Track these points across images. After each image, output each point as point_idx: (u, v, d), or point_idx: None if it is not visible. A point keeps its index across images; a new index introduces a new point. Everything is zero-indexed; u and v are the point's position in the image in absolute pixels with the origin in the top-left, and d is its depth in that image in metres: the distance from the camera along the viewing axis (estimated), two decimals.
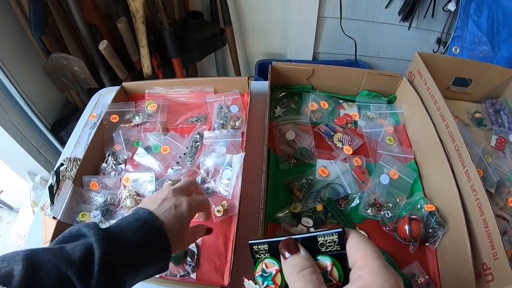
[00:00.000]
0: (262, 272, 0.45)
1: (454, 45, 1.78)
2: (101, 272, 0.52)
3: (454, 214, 0.89)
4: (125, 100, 1.28)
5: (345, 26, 2.16)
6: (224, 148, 1.08)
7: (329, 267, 0.42)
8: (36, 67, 1.84)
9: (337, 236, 0.43)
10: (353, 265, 0.41)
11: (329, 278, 0.42)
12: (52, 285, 0.49)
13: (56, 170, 1.09)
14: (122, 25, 1.67)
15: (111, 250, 0.55)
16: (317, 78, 1.23)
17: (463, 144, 0.91)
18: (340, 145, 1.11)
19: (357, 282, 0.39)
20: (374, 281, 0.37)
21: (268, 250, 0.47)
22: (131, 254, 0.58)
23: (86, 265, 0.52)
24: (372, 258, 0.39)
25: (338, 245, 0.43)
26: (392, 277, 0.38)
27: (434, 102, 1.05)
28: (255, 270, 0.47)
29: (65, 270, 0.51)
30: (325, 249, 0.44)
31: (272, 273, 0.45)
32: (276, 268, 0.45)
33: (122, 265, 0.56)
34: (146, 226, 0.62)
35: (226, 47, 2.25)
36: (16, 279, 0.47)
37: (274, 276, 0.44)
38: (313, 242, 0.44)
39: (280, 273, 0.44)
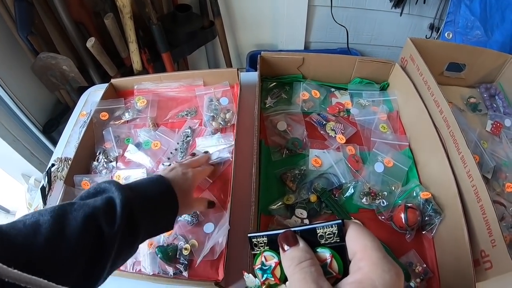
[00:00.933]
0: (261, 265, 0.45)
1: (447, 30, 1.76)
2: (123, 214, 0.60)
3: (450, 201, 0.88)
4: (114, 97, 1.27)
5: (336, 14, 2.14)
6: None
7: (328, 259, 0.42)
8: (24, 68, 1.81)
9: (336, 227, 0.42)
10: (353, 257, 0.40)
11: (329, 271, 0.41)
12: (80, 228, 0.54)
13: (48, 171, 1.09)
14: (109, 21, 1.65)
15: (130, 196, 0.63)
16: (307, 67, 1.22)
17: (458, 130, 0.90)
18: (332, 134, 1.09)
19: (356, 274, 0.38)
20: (373, 272, 0.37)
21: (267, 243, 0.46)
22: (147, 201, 0.67)
23: (110, 209, 0.60)
24: (371, 249, 0.39)
25: (338, 237, 0.42)
26: (392, 268, 0.37)
27: (428, 87, 1.04)
28: (254, 263, 0.46)
29: (91, 214, 0.57)
30: (324, 241, 0.43)
31: (271, 266, 0.44)
32: (276, 261, 0.44)
33: (139, 210, 0.64)
34: (157, 182, 0.73)
35: (217, 40, 2.23)
36: (45, 227, 0.52)
37: (273, 269, 0.44)
38: (312, 234, 0.43)
39: (280, 266, 0.44)
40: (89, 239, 0.55)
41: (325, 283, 0.38)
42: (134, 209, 0.62)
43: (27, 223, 0.52)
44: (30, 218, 0.53)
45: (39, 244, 0.50)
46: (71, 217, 0.55)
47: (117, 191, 0.62)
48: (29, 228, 0.51)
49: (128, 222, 0.61)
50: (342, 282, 0.39)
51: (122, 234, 0.59)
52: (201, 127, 1.14)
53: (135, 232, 0.63)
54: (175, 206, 0.74)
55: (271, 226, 0.91)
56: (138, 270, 0.86)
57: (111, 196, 0.62)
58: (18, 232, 0.50)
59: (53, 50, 1.74)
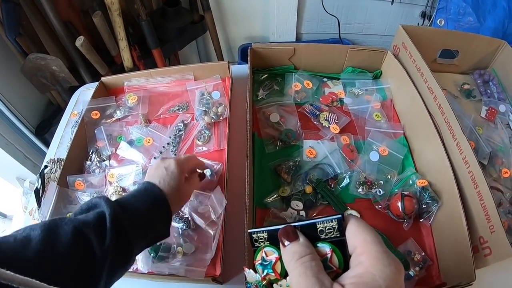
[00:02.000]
0: (261, 261, 0.45)
1: (439, 17, 1.75)
2: (113, 229, 0.59)
3: (447, 188, 0.88)
4: (105, 95, 1.26)
5: (326, 4, 2.12)
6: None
7: (328, 254, 0.42)
8: (14, 70, 1.79)
9: (336, 222, 0.42)
10: (353, 251, 0.40)
11: (329, 265, 0.41)
12: (71, 241, 0.54)
13: (41, 173, 1.08)
14: (97, 19, 1.63)
15: (118, 211, 0.63)
16: (299, 58, 1.21)
17: (453, 116, 0.90)
18: (326, 124, 1.08)
19: (357, 268, 0.38)
20: (374, 266, 0.37)
21: (268, 238, 0.46)
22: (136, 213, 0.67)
23: (100, 224, 0.60)
24: (372, 244, 0.39)
25: (338, 231, 0.42)
26: (393, 262, 0.38)
27: (421, 74, 1.03)
28: (255, 258, 0.46)
29: (82, 229, 0.57)
30: (324, 236, 0.43)
31: (272, 261, 0.44)
32: (276, 256, 0.44)
33: (129, 224, 0.63)
34: (145, 191, 0.72)
35: (207, 34, 2.21)
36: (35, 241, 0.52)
37: (274, 264, 0.44)
38: (312, 229, 0.43)
39: (280, 261, 0.44)
40: (79, 252, 0.55)
41: (326, 277, 0.38)
42: (124, 224, 0.62)
43: (17, 237, 0.52)
44: (22, 233, 0.53)
45: (29, 257, 0.50)
46: (61, 231, 0.55)
47: (106, 205, 0.62)
48: (19, 242, 0.51)
49: (119, 237, 0.61)
50: (343, 276, 0.39)
51: (114, 249, 0.59)
52: (193, 122, 1.14)
53: (128, 247, 0.63)
54: (167, 213, 0.73)
55: (267, 219, 0.90)
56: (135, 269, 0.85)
57: (102, 211, 0.62)
58: (8, 246, 0.51)
59: (43, 51, 1.72)
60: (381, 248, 0.38)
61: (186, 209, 0.92)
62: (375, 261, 0.37)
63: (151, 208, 0.70)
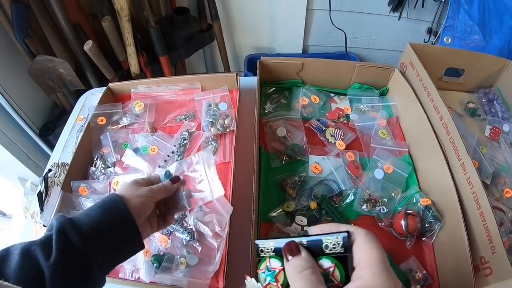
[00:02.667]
0: (266, 270, 0.47)
1: (446, 35, 1.76)
2: (58, 243, 0.55)
3: (450, 208, 0.88)
4: (112, 101, 1.26)
5: (334, 18, 2.13)
6: None
7: (331, 268, 0.44)
8: (21, 71, 1.80)
9: (341, 239, 0.44)
10: (357, 265, 0.43)
11: (331, 279, 0.43)
12: (18, 263, 0.53)
13: (44, 176, 1.07)
14: (107, 24, 1.64)
15: (66, 224, 0.58)
16: (307, 72, 1.21)
17: (458, 136, 0.90)
18: (332, 140, 1.08)
19: (357, 282, 0.41)
20: (373, 281, 0.39)
21: (274, 249, 0.48)
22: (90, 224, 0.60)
23: (46, 240, 0.56)
24: (376, 260, 0.41)
25: (342, 247, 0.44)
26: (391, 279, 0.40)
27: (428, 93, 1.04)
28: (258, 267, 0.48)
29: (29, 249, 0.55)
30: (329, 251, 0.45)
31: (275, 271, 0.46)
32: (280, 267, 0.46)
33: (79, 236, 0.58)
34: (103, 200, 0.66)
35: (215, 43, 2.22)
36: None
37: (277, 274, 0.46)
38: (318, 244, 0.46)
39: (283, 272, 0.46)
40: (27, 272, 0.53)
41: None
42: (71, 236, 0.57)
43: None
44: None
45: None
46: (11, 256, 0.54)
47: (56, 221, 0.58)
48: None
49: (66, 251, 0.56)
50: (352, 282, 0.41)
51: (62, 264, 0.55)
52: (198, 131, 1.14)
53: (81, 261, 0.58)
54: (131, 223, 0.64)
55: (271, 233, 0.90)
56: (137, 278, 0.85)
57: (51, 227, 0.58)
58: None
59: (50, 53, 1.73)
60: (383, 266, 0.41)
61: (191, 219, 0.91)
62: (374, 276, 0.40)
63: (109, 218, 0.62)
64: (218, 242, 0.88)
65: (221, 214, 0.89)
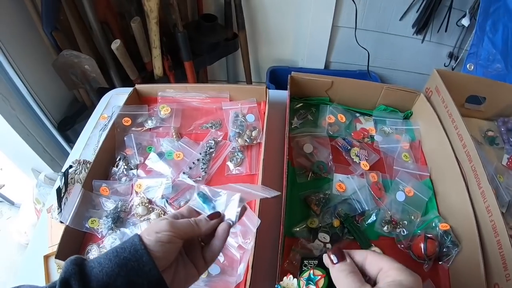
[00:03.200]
0: (308, 276, 0.55)
1: (469, 61, 1.77)
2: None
3: (468, 234, 0.89)
4: (137, 102, 1.26)
5: (358, 36, 2.15)
6: None
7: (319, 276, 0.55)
8: (45, 63, 1.82)
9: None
10: (379, 271, 0.50)
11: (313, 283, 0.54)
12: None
13: (65, 172, 1.07)
14: (136, 25, 1.66)
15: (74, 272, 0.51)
16: (335, 91, 1.22)
17: (480, 165, 0.90)
18: (357, 160, 1.09)
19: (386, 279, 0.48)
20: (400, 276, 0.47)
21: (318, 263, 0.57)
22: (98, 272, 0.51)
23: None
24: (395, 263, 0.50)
25: None
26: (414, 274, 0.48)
27: (452, 120, 1.04)
28: (301, 275, 0.57)
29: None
30: None
31: (317, 277, 0.55)
32: (322, 274, 0.55)
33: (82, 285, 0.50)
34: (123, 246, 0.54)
35: (238, 52, 2.24)
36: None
37: (318, 280, 0.54)
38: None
39: (324, 279, 0.54)
40: None
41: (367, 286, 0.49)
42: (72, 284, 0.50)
43: None
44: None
45: None
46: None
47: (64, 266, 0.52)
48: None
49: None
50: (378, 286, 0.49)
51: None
52: (225, 141, 1.14)
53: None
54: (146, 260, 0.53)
55: (294, 248, 0.90)
56: None
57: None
58: None
59: (75, 48, 1.74)
60: (402, 265, 0.49)
61: None
62: (400, 272, 0.48)
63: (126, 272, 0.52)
64: (241, 254, 0.88)
65: (246, 226, 0.89)
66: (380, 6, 2.07)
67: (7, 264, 2.09)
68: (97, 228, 0.95)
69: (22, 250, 2.13)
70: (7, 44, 1.61)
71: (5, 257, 2.12)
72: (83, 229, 0.94)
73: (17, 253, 2.13)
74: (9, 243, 2.17)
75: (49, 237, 1.00)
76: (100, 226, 0.96)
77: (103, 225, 0.95)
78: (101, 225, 0.96)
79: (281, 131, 1.18)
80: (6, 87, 1.68)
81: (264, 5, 2.18)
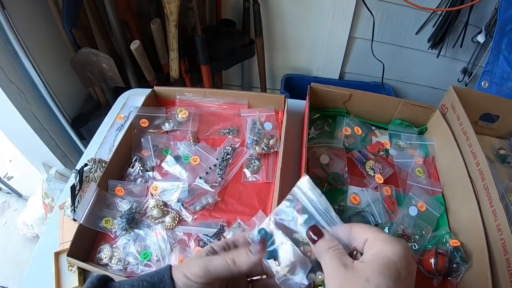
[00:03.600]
0: None
1: (484, 79, 1.77)
2: None
3: (478, 251, 0.89)
4: (155, 104, 1.27)
5: (374, 48, 2.16)
6: None
7: None
8: (62, 59, 1.83)
9: None
10: (365, 242, 0.48)
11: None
12: None
13: (80, 170, 1.07)
14: (155, 27, 1.67)
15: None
16: (353, 103, 1.22)
17: (493, 184, 0.91)
18: (372, 173, 1.10)
19: (371, 250, 0.46)
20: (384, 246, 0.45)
21: None
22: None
23: None
24: (380, 233, 0.48)
25: None
26: (400, 242, 0.46)
27: (466, 138, 1.04)
28: None
29: None
30: None
31: None
32: None
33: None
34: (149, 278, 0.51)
35: (254, 58, 2.25)
36: None
37: None
38: None
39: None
40: None
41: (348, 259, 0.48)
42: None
43: None
44: None
45: None
46: None
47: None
48: None
49: None
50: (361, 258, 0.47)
51: None
52: (242, 148, 1.15)
53: None
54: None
55: None
56: None
57: None
58: None
59: (93, 47, 1.76)
60: (387, 235, 0.47)
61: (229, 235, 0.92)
62: (385, 242, 0.45)
63: None
64: None
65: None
66: (397, 19, 2.08)
67: (13, 256, 2.10)
68: (110, 228, 0.96)
69: (28, 243, 2.14)
70: (26, 38, 1.63)
71: (11, 250, 2.13)
72: (97, 228, 0.95)
73: (22, 245, 2.14)
74: (14, 235, 2.19)
75: (60, 234, 1.00)
76: (114, 226, 0.96)
77: (117, 226, 0.96)
78: (115, 225, 0.96)
79: (297, 141, 1.19)
80: (23, 81, 1.69)
81: (282, 13, 2.18)
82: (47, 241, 1.00)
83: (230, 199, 1.04)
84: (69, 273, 0.92)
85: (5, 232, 2.23)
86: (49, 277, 0.90)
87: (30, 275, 0.93)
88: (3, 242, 2.18)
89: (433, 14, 2.01)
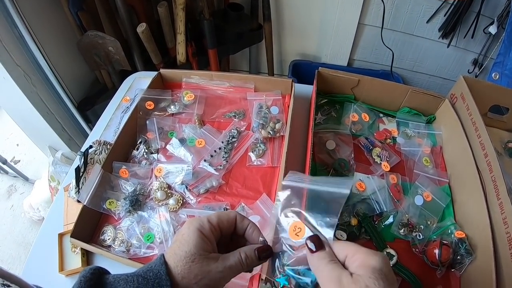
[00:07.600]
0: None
1: (495, 70, 1.75)
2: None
3: (483, 244, 0.88)
4: (161, 87, 1.27)
5: (384, 36, 2.12)
6: None
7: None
8: (68, 42, 1.83)
9: None
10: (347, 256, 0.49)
11: None
12: None
13: (84, 152, 1.07)
14: (162, 10, 1.66)
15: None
16: (361, 89, 1.21)
17: (501, 176, 0.89)
18: (378, 160, 1.08)
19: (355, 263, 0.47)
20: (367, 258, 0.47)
21: None
22: None
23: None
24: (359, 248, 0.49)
25: None
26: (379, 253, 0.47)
27: (475, 129, 1.03)
28: None
29: None
30: None
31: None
32: None
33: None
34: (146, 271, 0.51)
35: (262, 43, 2.23)
36: None
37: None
38: None
39: None
40: None
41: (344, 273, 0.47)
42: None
43: None
44: None
45: None
46: None
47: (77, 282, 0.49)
48: None
49: None
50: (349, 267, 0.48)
51: None
52: (248, 131, 1.14)
53: None
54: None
55: None
56: None
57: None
58: None
59: (100, 29, 1.75)
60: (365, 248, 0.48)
61: None
62: (366, 255, 0.47)
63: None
64: None
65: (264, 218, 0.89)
66: (407, 7, 2.04)
67: (19, 239, 2.11)
68: (114, 209, 0.96)
69: (34, 225, 2.16)
70: (32, 21, 1.62)
71: (17, 232, 2.15)
72: (101, 210, 0.95)
73: (28, 228, 2.16)
74: (21, 218, 2.20)
75: (64, 216, 1.01)
76: (117, 208, 0.96)
77: (121, 207, 0.96)
78: (118, 207, 0.96)
79: (303, 125, 1.18)
80: (29, 64, 1.69)
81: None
82: (51, 222, 1.00)
83: (234, 183, 1.04)
84: (73, 254, 0.92)
85: (12, 215, 2.25)
86: (53, 258, 0.91)
87: (35, 256, 0.94)
88: (10, 225, 2.19)
89: (444, 2, 1.97)
